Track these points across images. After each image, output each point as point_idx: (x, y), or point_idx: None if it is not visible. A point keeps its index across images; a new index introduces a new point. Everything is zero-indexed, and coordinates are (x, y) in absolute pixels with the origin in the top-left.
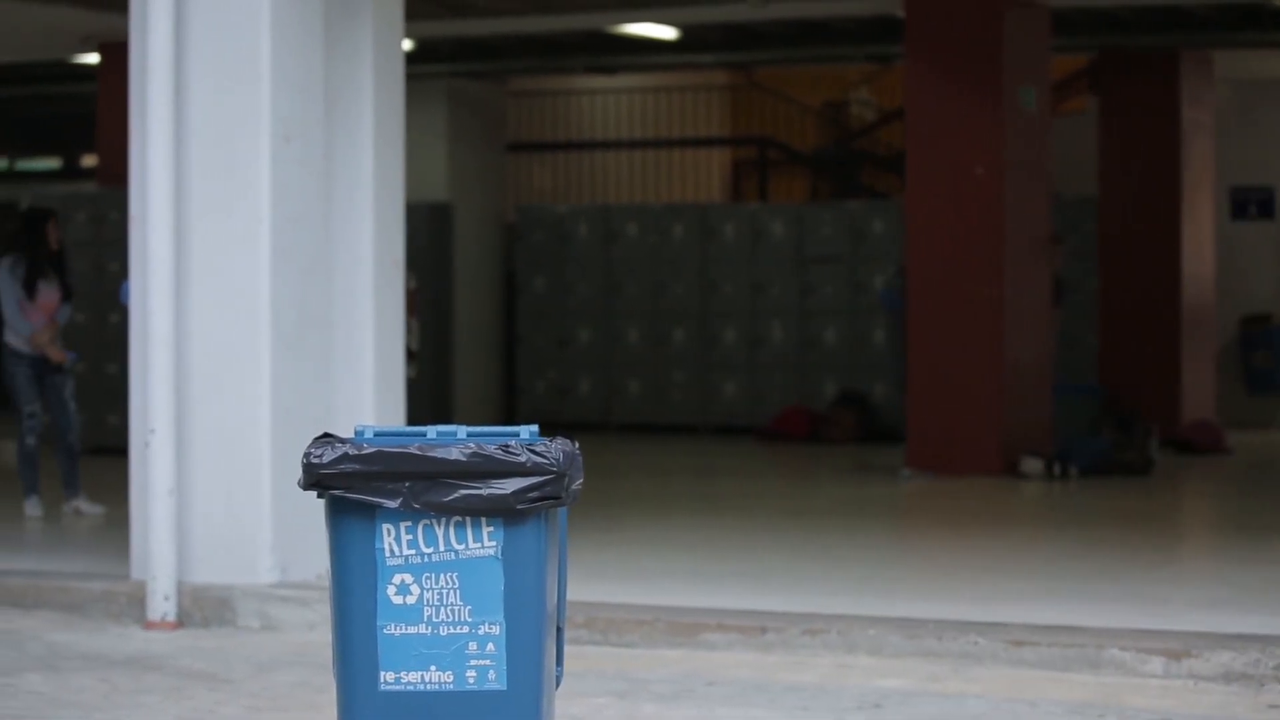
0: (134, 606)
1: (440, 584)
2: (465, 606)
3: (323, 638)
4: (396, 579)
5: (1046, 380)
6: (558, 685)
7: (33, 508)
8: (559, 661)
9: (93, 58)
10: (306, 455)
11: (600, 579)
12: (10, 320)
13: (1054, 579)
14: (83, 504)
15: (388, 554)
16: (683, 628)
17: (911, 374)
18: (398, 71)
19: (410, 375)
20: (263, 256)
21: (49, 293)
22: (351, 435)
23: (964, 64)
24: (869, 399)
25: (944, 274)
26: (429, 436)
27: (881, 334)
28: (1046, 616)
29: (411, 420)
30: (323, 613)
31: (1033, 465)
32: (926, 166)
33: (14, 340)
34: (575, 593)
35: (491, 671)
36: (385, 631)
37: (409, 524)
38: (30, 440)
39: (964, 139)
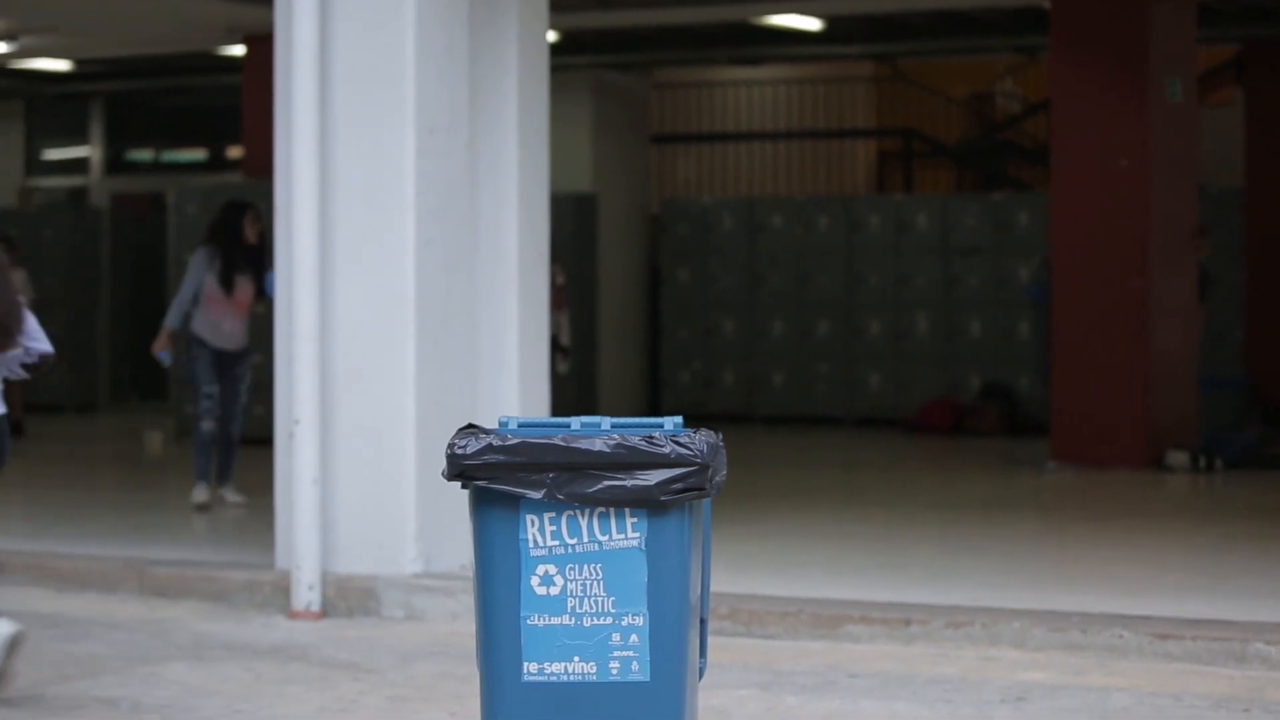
0: (278, 596)
1: (584, 575)
2: (609, 598)
3: (466, 628)
4: (540, 570)
5: (1192, 373)
6: (700, 677)
7: (199, 493)
8: (702, 653)
9: (238, 49)
10: (450, 446)
11: (744, 570)
12: (181, 307)
13: (1199, 572)
14: (229, 493)
15: (531, 545)
16: (826, 620)
17: (1056, 366)
18: (543, 63)
19: (563, 371)
20: (407, 248)
21: (244, 287)
22: (496, 426)
23: (1110, 56)
24: (1014, 391)
25: (1089, 266)
26: (573, 428)
27: (1027, 326)
28: (1191, 610)
29: (556, 412)
30: (466, 603)
31: (1178, 458)
32: (1072, 159)
33: (200, 328)
34: (719, 584)
35: (635, 663)
36: (529, 622)
37: (553, 515)
38: (206, 424)
39: (1110, 131)
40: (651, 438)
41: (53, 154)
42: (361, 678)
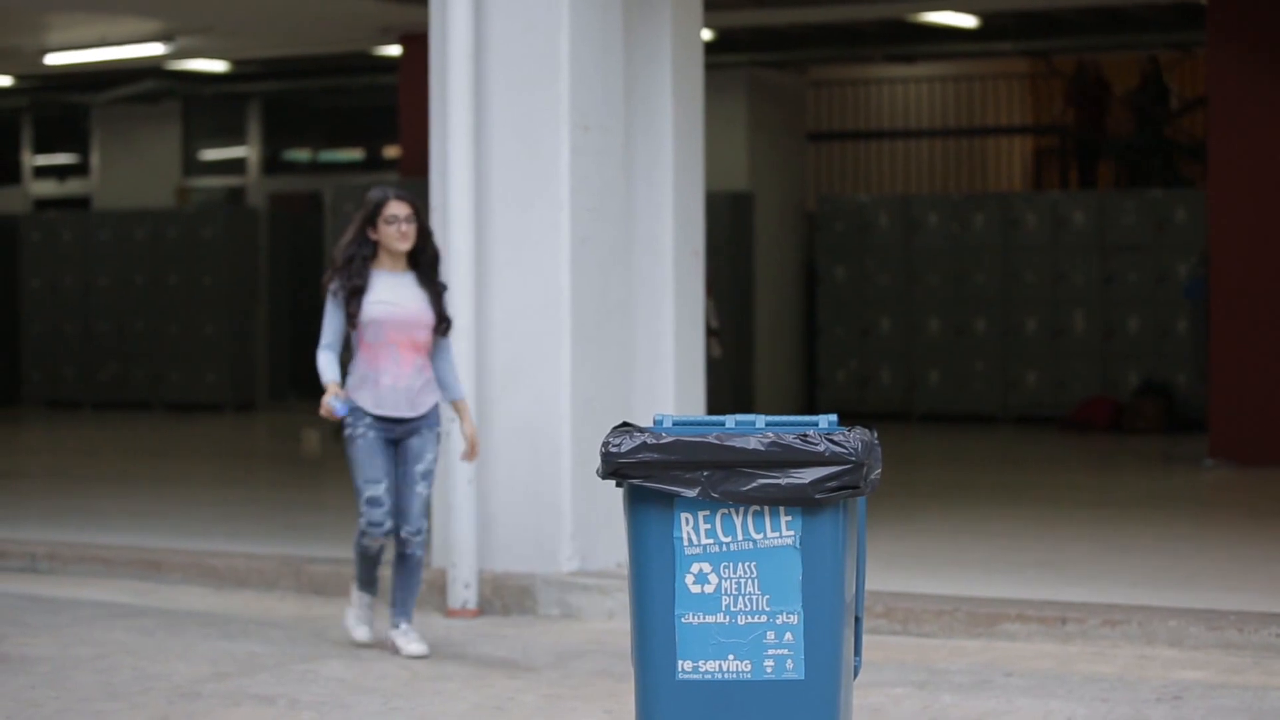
0: (435, 594)
1: (738, 573)
2: (763, 596)
3: (621, 626)
4: (695, 568)
5: None
6: (855, 675)
7: (358, 616)
8: (857, 651)
9: (394, 49)
10: (605, 444)
11: (899, 568)
12: (327, 352)
13: None
14: (401, 637)
15: (686, 543)
16: (982, 618)
17: (1214, 363)
18: (697, 61)
19: (715, 354)
20: (563, 247)
21: (408, 314)
22: (650, 424)
23: (1267, 50)
24: (1172, 388)
25: (1247, 263)
26: (727, 426)
27: (1185, 323)
28: None
29: (712, 410)
30: (622, 601)
31: None
32: (1229, 154)
33: (354, 388)
34: (874, 582)
35: (789, 661)
36: (683, 620)
37: (707, 513)
38: (365, 542)
39: (1267, 126)
40: (806, 436)
41: (210, 154)
42: (517, 675)
